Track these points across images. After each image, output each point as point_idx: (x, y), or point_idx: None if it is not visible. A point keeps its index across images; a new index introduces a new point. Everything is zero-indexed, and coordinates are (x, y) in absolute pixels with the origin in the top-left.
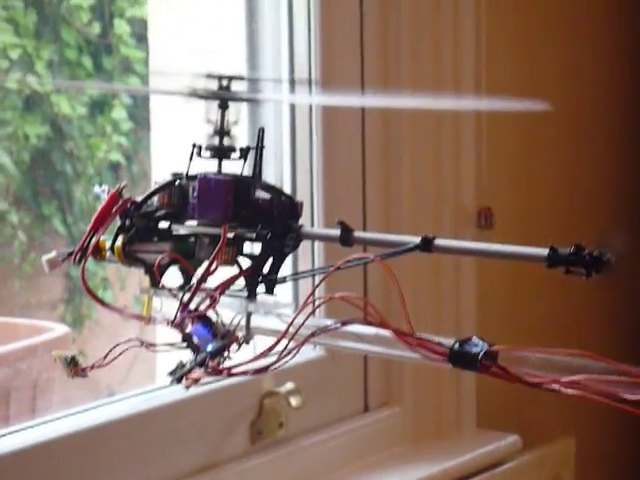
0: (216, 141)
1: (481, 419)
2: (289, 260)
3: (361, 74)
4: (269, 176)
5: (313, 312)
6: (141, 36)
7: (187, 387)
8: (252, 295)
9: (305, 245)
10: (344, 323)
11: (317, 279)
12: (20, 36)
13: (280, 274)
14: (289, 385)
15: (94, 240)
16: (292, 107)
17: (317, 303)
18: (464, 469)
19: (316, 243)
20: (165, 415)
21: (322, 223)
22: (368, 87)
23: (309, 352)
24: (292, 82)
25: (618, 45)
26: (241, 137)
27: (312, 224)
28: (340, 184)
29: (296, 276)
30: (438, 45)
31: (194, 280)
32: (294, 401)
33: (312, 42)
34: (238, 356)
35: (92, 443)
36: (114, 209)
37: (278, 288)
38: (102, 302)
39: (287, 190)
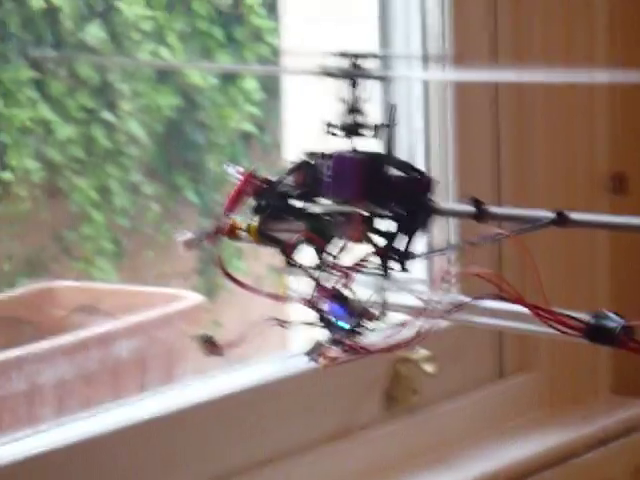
0: (348, 119)
1: (616, 385)
2: (423, 237)
3: (494, 48)
4: (402, 153)
5: (448, 288)
6: (272, 6)
7: (325, 367)
8: (386, 272)
9: (439, 222)
10: (478, 299)
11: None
12: (152, 8)
13: (413, 251)
14: (423, 352)
15: (229, 221)
16: (425, 84)
17: (451, 279)
18: (600, 435)
19: (450, 220)
20: (298, 382)
21: (455, 199)
22: (501, 61)
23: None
24: (425, 58)
25: None
26: (374, 114)
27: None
28: (474, 157)
29: (429, 253)
30: (570, 17)
31: (329, 258)
32: (428, 368)
33: (445, 17)
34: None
35: (226, 411)
36: (248, 190)
37: (412, 265)
38: (239, 282)
39: (420, 167)
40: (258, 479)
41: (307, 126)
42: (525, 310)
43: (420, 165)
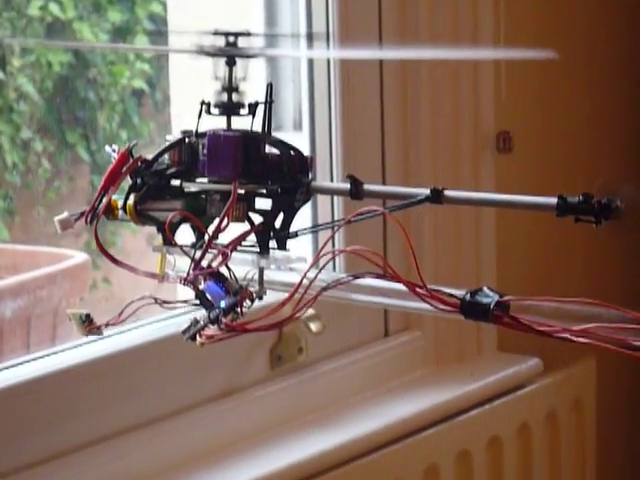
0: (224, 98)
1: (502, 342)
2: (309, 215)
3: (379, 27)
4: (288, 130)
5: (324, 266)
6: None
7: (202, 345)
8: (264, 250)
9: (325, 200)
10: (356, 276)
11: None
12: None
13: (292, 229)
14: (309, 310)
15: (105, 200)
16: (310, 62)
17: (329, 257)
18: (485, 392)
19: (337, 201)
20: (183, 341)
21: (342, 176)
22: (386, 37)
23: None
24: (309, 36)
25: None
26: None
27: (332, 179)
28: (359, 130)
29: (306, 230)
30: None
31: (206, 237)
32: (314, 326)
33: None
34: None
35: (112, 370)
36: (124, 168)
37: (292, 243)
38: (116, 260)
39: (306, 146)
40: (147, 438)
41: (194, 84)
42: (402, 287)
43: (305, 144)
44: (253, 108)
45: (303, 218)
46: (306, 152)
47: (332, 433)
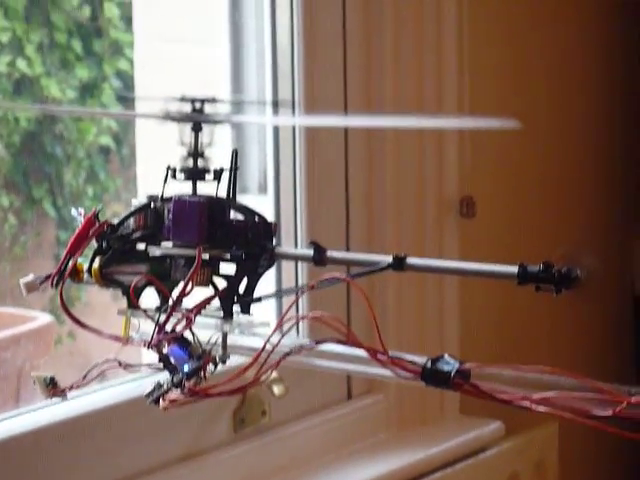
0: (190, 163)
1: (464, 406)
2: (272, 280)
3: (344, 95)
4: (253, 193)
5: (287, 331)
6: (130, 19)
7: (165, 409)
8: (228, 315)
9: (290, 269)
10: (318, 342)
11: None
12: (9, 19)
13: (257, 294)
14: (272, 374)
15: (71, 263)
16: (275, 128)
17: (292, 323)
18: (448, 455)
19: (301, 266)
20: (147, 404)
21: (306, 239)
22: (351, 108)
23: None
24: (275, 104)
25: (605, 45)
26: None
27: (296, 242)
28: (324, 196)
29: (270, 296)
30: (420, 66)
31: (170, 301)
32: (277, 389)
33: (295, 64)
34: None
35: (75, 432)
36: (90, 232)
37: (256, 308)
38: (81, 324)
39: (271, 209)
40: None
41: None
42: (364, 353)
43: (269, 209)
44: (218, 174)
45: (267, 282)
46: (270, 218)
47: None
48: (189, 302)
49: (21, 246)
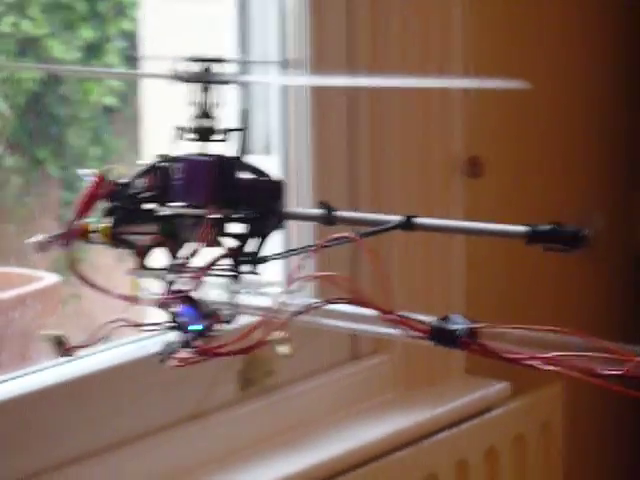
0: (199, 123)
1: (470, 366)
2: (281, 242)
3: (351, 55)
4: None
5: (296, 291)
6: None
7: (175, 367)
8: (236, 274)
9: (297, 229)
10: (328, 302)
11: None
12: None
13: (265, 253)
14: (278, 333)
15: (81, 223)
16: (283, 88)
17: (301, 282)
18: (454, 415)
19: (309, 226)
20: (154, 364)
21: (312, 199)
22: (359, 66)
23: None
24: (282, 63)
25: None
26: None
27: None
28: (331, 159)
29: (279, 255)
30: (426, 26)
31: (179, 261)
32: (283, 349)
33: (302, 22)
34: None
35: (81, 392)
36: (100, 192)
37: (264, 267)
38: (91, 284)
39: (278, 171)
40: (118, 459)
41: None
42: (373, 313)
43: (277, 169)
44: (227, 134)
45: (274, 242)
46: (279, 177)
47: (301, 455)
48: (198, 261)
49: (25, 207)
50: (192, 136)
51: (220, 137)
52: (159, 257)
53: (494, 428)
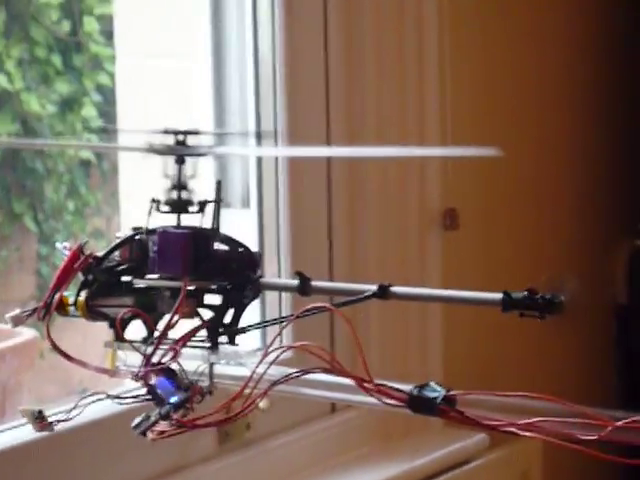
0: (174, 195)
1: None
2: (257, 310)
3: (327, 126)
4: (235, 210)
5: (274, 361)
6: (110, 33)
7: (153, 440)
8: (214, 345)
9: (273, 296)
10: (305, 372)
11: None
12: None
13: (242, 324)
14: (260, 404)
15: (57, 296)
16: (259, 158)
17: (279, 352)
18: (432, 467)
19: (284, 294)
20: (131, 418)
21: (289, 271)
22: (334, 138)
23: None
24: (257, 135)
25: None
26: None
27: (279, 273)
28: (306, 212)
29: (256, 326)
30: (403, 95)
31: (156, 333)
32: (261, 403)
33: (278, 95)
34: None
35: (59, 448)
36: (76, 265)
37: (242, 338)
38: (68, 356)
39: (254, 227)
40: None
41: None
42: (351, 382)
43: (253, 223)
44: (202, 206)
45: (251, 312)
46: (253, 233)
47: None
48: (175, 333)
49: (2, 261)
50: (167, 208)
51: (195, 209)
52: (136, 329)
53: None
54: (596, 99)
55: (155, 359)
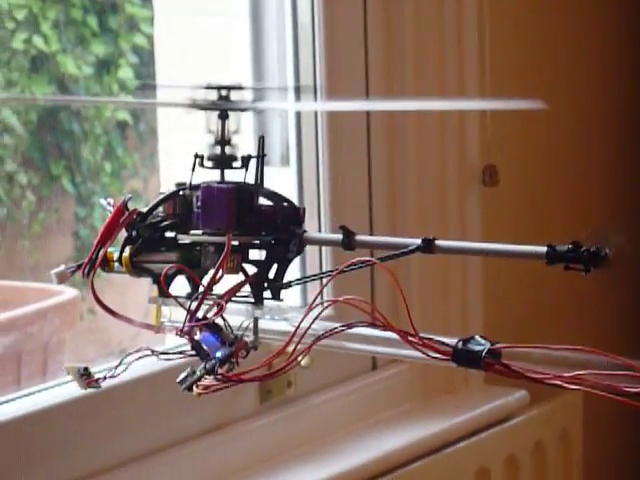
0: (217, 151)
1: (489, 375)
2: (298, 265)
3: (366, 80)
4: (275, 168)
5: (318, 316)
6: None
7: (198, 395)
8: (258, 301)
9: (313, 250)
10: (350, 326)
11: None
12: None
13: (286, 279)
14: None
15: (102, 252)
16: (298, 115)
17: (322, 307)
18: (473, 424)
19: (324, 248)
20: (174, 376)
21: (329, 226)
22: (372, 92)
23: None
24: (297, 89)
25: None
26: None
27: (320, 229)
28: (346, 166)
29: (300, 281)
30: (442, 49)
31: (201, 288)
32: (303, 360)
33: (317, 50)
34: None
35: (104, 405)
36: (120, 221)
37: (285, 293)
38: (113, 312)
39: (293, 184)
40: (138, 472)
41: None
42: (394, 335)
43: (292, 181)
44: (246, 161)
45: (291, 266)
46: (293, 189)
47: (321, 466)
48: (220, 289)
49: (40, 223)
50: (211, 164)
51: (238, 164)
52: (181, 285)
53: (514, 436)
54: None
55: (199, 314)
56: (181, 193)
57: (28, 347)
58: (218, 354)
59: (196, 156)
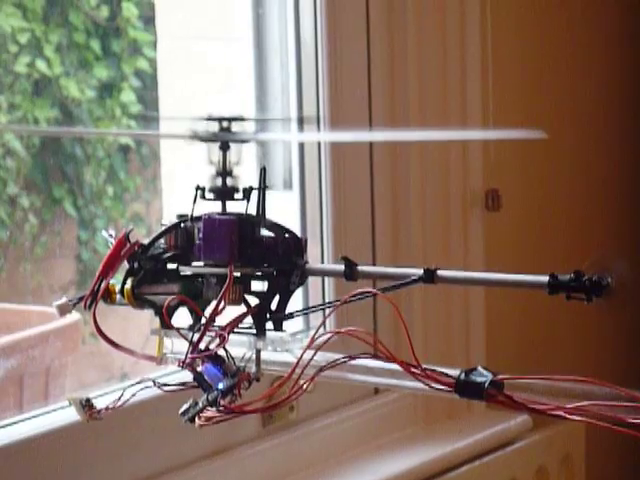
0: (219, 182)
1: None
2: (300, 296)
3: (369, 107)
4: (278, 192)
5: (320, 347)
6: (149, 19)
7: (200, 426)
8: (261, 332)
9: (316, 281)
10: (352, 357)
11: (325, 314)
12: (28, 20)
13: (288, 310)
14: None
15: (104, 284)
16: (301, 145)
17: (325, 338)
18: (475, 449)
19: (327, 279)
20: (176, 400)
21: (332, 249)
22: (375, 120)
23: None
24: (299, 120)
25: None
26: (250, 176)
27: (322, 252)
28: (349, 193)
29: (303, 312)
30: (444, 77)
31: (203, 320)
32: (305, 384)
33: (320, 76)
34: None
35: (106, 428)
36: (122, 253)
37: (287, 324)
38: (115, 344)
39: (296, 208)
40: None
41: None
42: (397, 367)
43: (295, 205)
44: (247, 193)
45: (294, 297)
46: (296, 215)
47: None
48: (222, 320)
49: (42, 246)
50: (212, 195)
51: (240, 196)
52: (183, 317)
53: (516, 461)
54: None
55: (202, 346)
56: (182, 225)
57: (30, 370)
58: (220, 386)
59: (197, 188)
